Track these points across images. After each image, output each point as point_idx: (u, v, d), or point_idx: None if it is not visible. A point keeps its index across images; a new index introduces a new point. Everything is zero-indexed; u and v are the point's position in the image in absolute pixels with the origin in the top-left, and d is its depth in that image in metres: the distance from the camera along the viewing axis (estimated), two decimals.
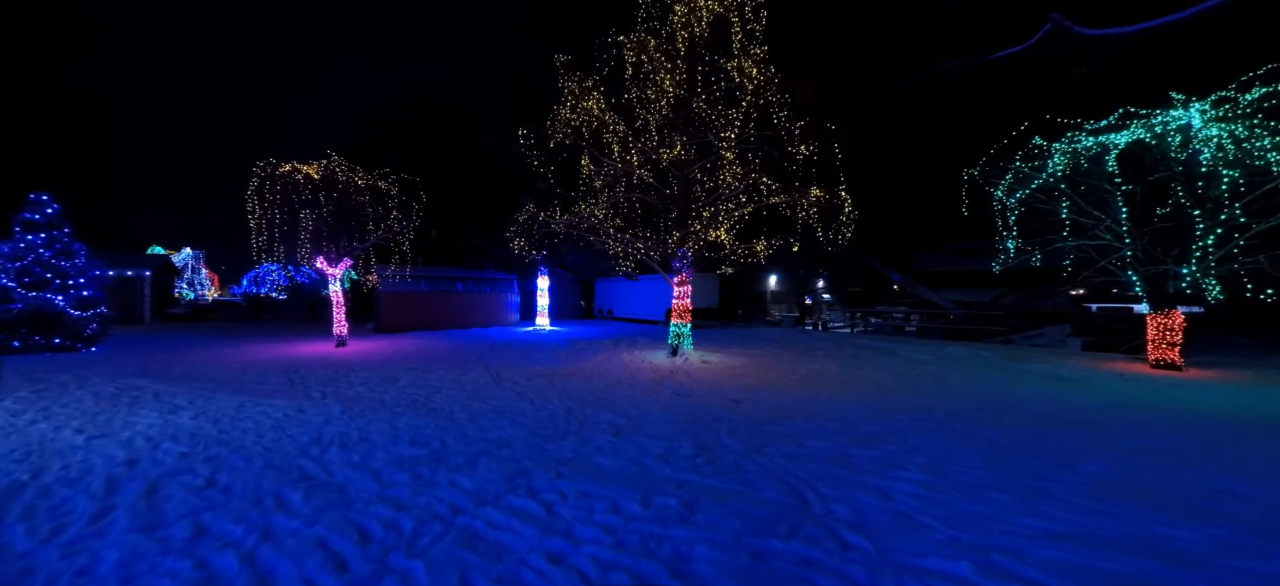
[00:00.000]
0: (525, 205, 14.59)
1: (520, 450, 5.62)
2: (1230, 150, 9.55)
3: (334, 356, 14.15)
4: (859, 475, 5.08)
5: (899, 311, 24.02)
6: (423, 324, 21.48)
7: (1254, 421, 7.38)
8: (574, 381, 10.50)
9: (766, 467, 5.24)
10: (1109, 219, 11.24)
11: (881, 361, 13.06)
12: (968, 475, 5.11)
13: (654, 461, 5.37)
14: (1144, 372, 11.31)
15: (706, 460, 5.47)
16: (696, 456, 5.58)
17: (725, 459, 5.50)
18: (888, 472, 5.16)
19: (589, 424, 6.98)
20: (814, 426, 6.95)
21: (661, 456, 5.57)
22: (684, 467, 5.19)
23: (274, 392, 9.11)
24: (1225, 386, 9.87)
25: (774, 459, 5.54)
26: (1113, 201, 10.57)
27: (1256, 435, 6.68)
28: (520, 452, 5.52)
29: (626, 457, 5.47)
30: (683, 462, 5.35)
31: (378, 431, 6.30)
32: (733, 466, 5.25)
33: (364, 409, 7.72)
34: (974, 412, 7.85)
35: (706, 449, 5.87)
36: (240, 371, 11.55)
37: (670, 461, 5.39)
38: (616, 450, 5.72)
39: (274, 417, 6.99)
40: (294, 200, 14.44)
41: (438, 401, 8.45)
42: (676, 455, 5.63)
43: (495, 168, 21.15)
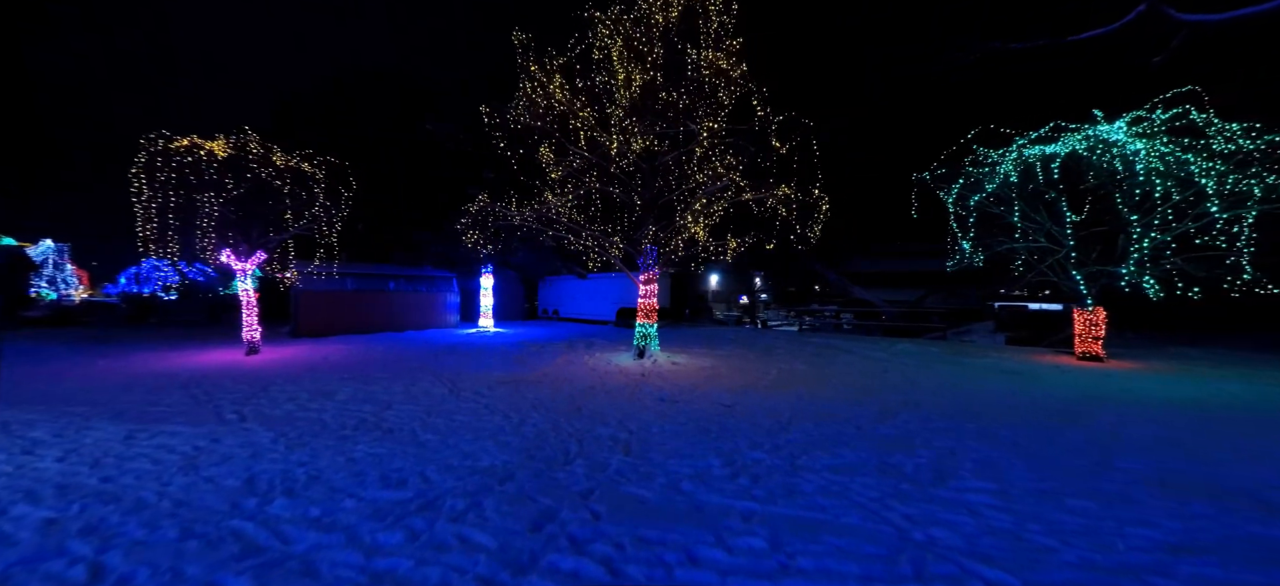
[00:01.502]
0: (474, 196, 13.11)
1: (526, 481, 4.49)
2: (1156, 163, 10.20)
3: (245, 366, 11.88)
4: (924, 488, 4.50)
5: (830, 309, 24.72)
6: (349, 327, 19.00)
7: (1215, 408, 7.72)
8: (543, 389, 9.33)
9: (823, 486, 4.52)
10: (1049, 224, 11.76)
11: (842, 360, 12.95)
12: (1025, 480, 4.75)
13: (695, 486, 4.46)
14: (1074, 365, 11.96)
15: (750, 480, 4.65)
16: (737, 476, 4.74)
17: (771, 478, 4.71)
18: (947, 483, 4.64)
19: (589, 441, 5.93)
20: (830, 431, 6.38)
21: (698, 478, 4.68)
22: (734, 493, 4.33)
23: (173, 415, 7.18)
24: (1153, 376, 10.54)
25: (821, 473, 4.86)
26: (1057, 207, 11.03)
27: (1230, 421, 6.92)
28: (529, 485, 4.39)
29: (659, 484, 4.52)
30: (727, 486, 4.49)
31: (331, 466, 4.87)
32: (786, 487, 4.47)
33: (301, 434, 6.14)
34: (967, 410, 7.70)
35: (740, 465, 5.06)
36: (123, 388, 9.22)
37: (712, 484, 4.51)
38: (641, 474, 4.75)
39: (181, 453, 5.29)
40: (193, 182, 11.95)
41: (392, 420, 7.02)
42: (712, 476, 4.77)
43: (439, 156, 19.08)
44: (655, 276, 12.67)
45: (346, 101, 23.06)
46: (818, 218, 10.90)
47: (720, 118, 10.41)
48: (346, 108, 22.80)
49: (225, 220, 12.35)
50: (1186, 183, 9.89)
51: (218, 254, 12.66)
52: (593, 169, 11.75)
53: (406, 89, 24.03)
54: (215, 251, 12.53)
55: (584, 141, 11.49)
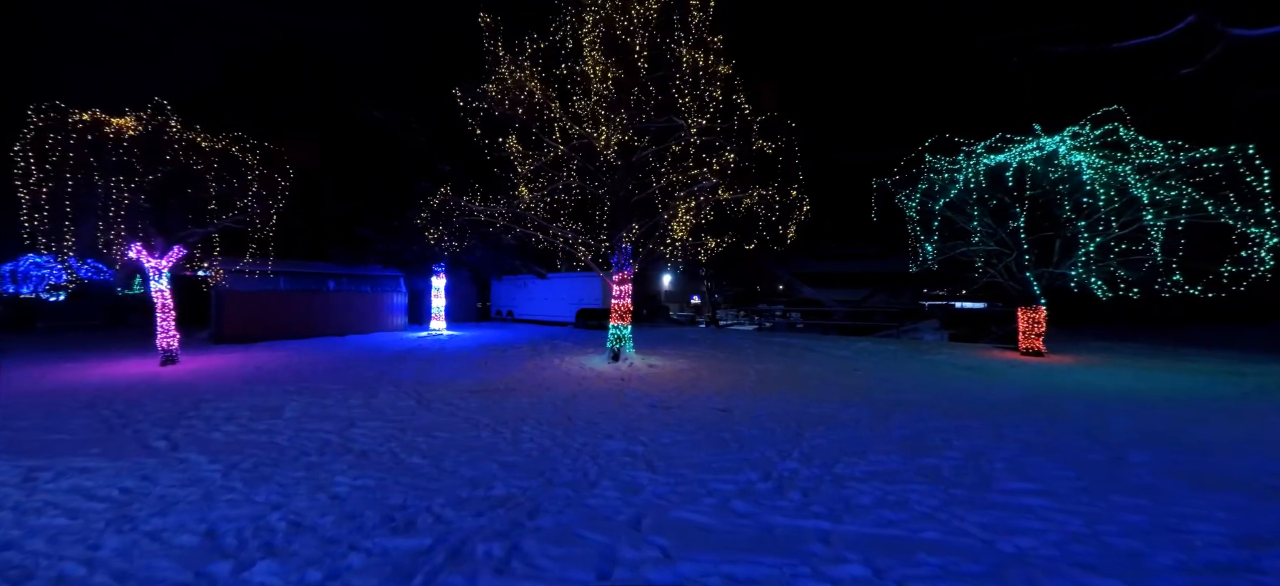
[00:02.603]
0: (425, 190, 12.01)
1: (560, 513, 3.87)
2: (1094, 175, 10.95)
3: (163, 379, 10.20)
4: (974, 493, 4.40)
5: (778, 309, 25.20)
6: (281, 331, 17.01)
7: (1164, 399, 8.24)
8: (522, 398, 8.60)
9: (879, 497, 4.25)
10: (998, 229, 12.36)
11: (811, 359, 13.02)
12: (1061, 479, 4.75)
13: (748, 505, 4.04)
14: (1021, 359, 12.67)
15: (800, 495, 4.29)
16: (784, 490, 4.37)
17: (820, 491, 4.37)
18: (992, 486, 4.56)
19: (603, 457, 5.35)
20: (845, 435, 6.18)
21: (744, 495, 4.27)
22: (793, 510, 3.95)
23: (83, 445, 5.86)
24: (1092, 369, 11.29)
25: (866, 482, 4.61)
26: (1010, 212, 11.60)
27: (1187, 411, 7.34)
28: (566, 517, 3.77)
29: (708, 505, 4.05)
30: (780, 502, 4.10)
31: (312, 507, 3.99)
32: (843, 501, 4.14)
33: (257, 464, 5.13)
34: (956, 407, 7.86)
35: (780, 478, 4.70)
36: (10, 411, 7.54)
37: (764, 502, 4.11)
38: (683, 495, 4.25)
39: (105, 498, 4.18)
40: (95, 165, 10.08)
41: (362, 440, 6.10)
42: (758, 491, 4.38)
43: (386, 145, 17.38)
44: (630, 276, 12.15)
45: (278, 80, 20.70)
46: (797, 218, 10.81)
47: (706, 115, 10.04)
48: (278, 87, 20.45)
49: (136, 210, 10.53)
50: (1123, 192, 10.65)
51: (126, 249, 10.80)
52: (569, 162, 11.04)
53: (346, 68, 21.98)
54: (123, 246, 10.66)
55: (559, 133, 10.76)
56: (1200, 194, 10.21)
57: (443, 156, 16.35)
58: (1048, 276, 12.15)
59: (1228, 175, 10.66)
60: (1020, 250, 11.84)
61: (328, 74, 23.52)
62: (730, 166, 9.93)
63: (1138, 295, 10.88)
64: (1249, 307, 19.09)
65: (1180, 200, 10.33)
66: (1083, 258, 11.12)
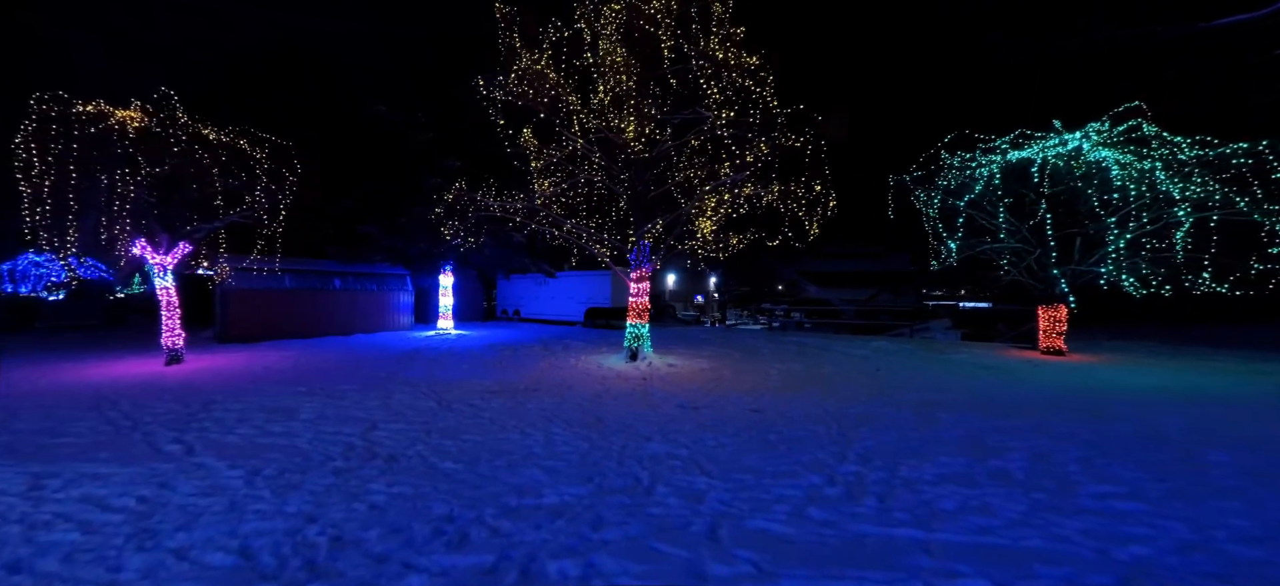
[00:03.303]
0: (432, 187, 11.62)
1: (625, 523, 3.52)
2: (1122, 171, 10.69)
3: (169, 379, 9.78)
4: (1057, 497, 4.12)
5: (780, 308, 24.91)
6: (286, 330, 16.56)
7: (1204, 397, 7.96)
8: (546, 399, 8.25)
9: (962, 502, 3.97)
10: (1022, 225, 12.09)
11: (829, 358, 12.72)
12: (1142, 481, 4.46)
13: (825, 512, 3.71)
14: (1042, 359, 12.39)
15: (876, 501, 4.00)
16: (857, 496, 4.07)
17: (896, 496, 4.07)
18: (1074, 491, 4.28)
19: (650, 461, 5.02)
20: (895, 437, 5.87)
21: (816, 501, 3.97)
22: (874, 517, 3.64)
23: (91, 449, 5.47)
24: (1119, 368, 11.02)
25: (939, 486, 4.33)
26: (1035, 209, 11.33)
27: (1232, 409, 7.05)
28: (634, 529, 3.43)
29: (782, 512, 3.72)
30: (857, 509, 3.79)
31: (350, 518, 3.63)
32: (926, 507, 3.85)
33: (281, 470, 4.76)
34: (995, 406, 7.57)
35: (847, 482, 4.39)
36: (10, 412, 7.12)
37: (841, 509, 3.79)
38: (753, 502, 3.92)
39: (122, 509, 3.80)
40: (98, 158, 9.64)
41: (387, 444, 5.73)
42: (829, 497, 4.10)
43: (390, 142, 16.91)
44: (648, 274, 11.81)
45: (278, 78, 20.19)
46: (822, 214, 10.49)
47: (733, 108, 9.69)
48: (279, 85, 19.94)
49: (141, 205, 10.09)
50: (1153, 188, 10.40)
51: (130, 246, 10.36)
52: (590, 156, 10.68)
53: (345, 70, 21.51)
54: (127, 242, 10.23)
55: (577, 126, 10.40)
56: (1231, 190, 9.97)
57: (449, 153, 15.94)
58: (1073, 274, 11.89)
59: (1255, 171, 10.43)
60: (1045, 248, 11.57)
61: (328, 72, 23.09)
62: (762, 159, 9.59)
63: (1170, 292, 10.62)
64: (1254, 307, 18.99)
65: (1211, 196, 10.09)
66: (1113, 254, 10.86)
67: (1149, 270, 10.57)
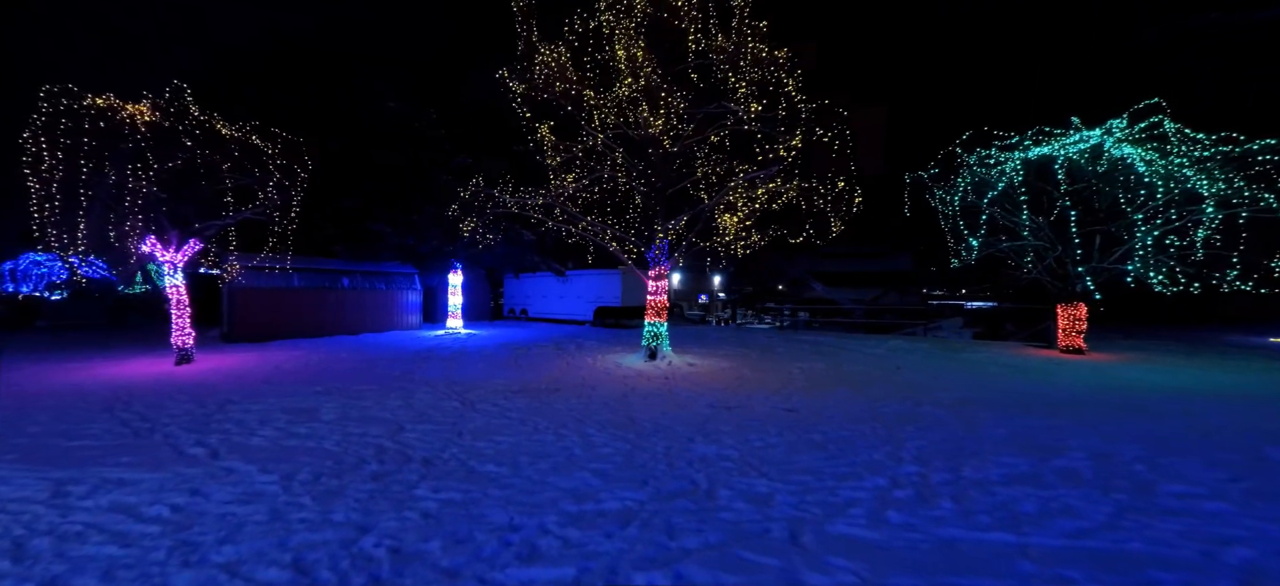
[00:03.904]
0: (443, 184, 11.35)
1: (701, 528, 3.28)
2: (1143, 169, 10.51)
3: (180, 379, 9.49)
4: (1137, 498, 3.96)
5: (787, 307, 24.71)
6: (294, 330, 16.23)
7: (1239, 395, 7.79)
8: (572, 399, 8.00)
9: (1042, 505, 3.82)
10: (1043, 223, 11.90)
11: (848, 357, 12.51)
12: (1216, 480, 4.28)
13: (905, 516, 3.49)
14: (1062, 357, 12.22)
15: (953, 503, 3.81)
16: (931, 499, 3.87)
17: (971, 499, 3.87)
18: (1151, 491, 4.08)
19: (700, 464, 4.78)
20: (944, 437, 5.66)
21: (886, 502, 3.76)
22: (957, 520, 3.43)
23: (111, 452, 5.20)
24: (1143, 366, 10.85)
25: (1011, 487, 4.15)
26: (1057, 207, 11.15)
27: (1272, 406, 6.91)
28: (710, 533, 3.20)
29: (861, 516, 3.51)
30: (936, 513, 3.56)
31: (405, 527, 3.38)
32: (1002, 507, 3.64)
33: (317, 474, 4.51)
34: (1035, 404, 7.41)
35: (916, 486, 4.17)
36: (23, 413, 6.83)
37: (919, 513, 3.59)
38: (821, 504, 3.70)
39: (157, 519, 3.54)
40: (107, 155, 9.33)
41: (419, 446, 5.49)
42: (901, 500, 3.90)
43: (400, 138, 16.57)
44: (666, 272, 11.57)
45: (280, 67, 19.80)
46: (847, 210, 10.27)
47: (761, 101, 9.43)
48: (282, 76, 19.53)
49: (151, 201, 9.78)
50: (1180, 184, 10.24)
51: (140, 243, 10.05)
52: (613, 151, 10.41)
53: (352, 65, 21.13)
54: (137, 240, 9.92)
55: (598, 121, 10.14)
56: (1258, 187, 9.81)
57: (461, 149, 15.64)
58: (1095, 272, 11.71)
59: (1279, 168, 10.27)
60: (1068, 246, 11.39)
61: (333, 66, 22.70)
62: (793, 152, 9.35)
63: (1198, 290, 10.45)
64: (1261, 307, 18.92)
65: (1238, 192, 9.92)
66: (1140, 252, 10.68)
67: (1178, 267, 10.39)
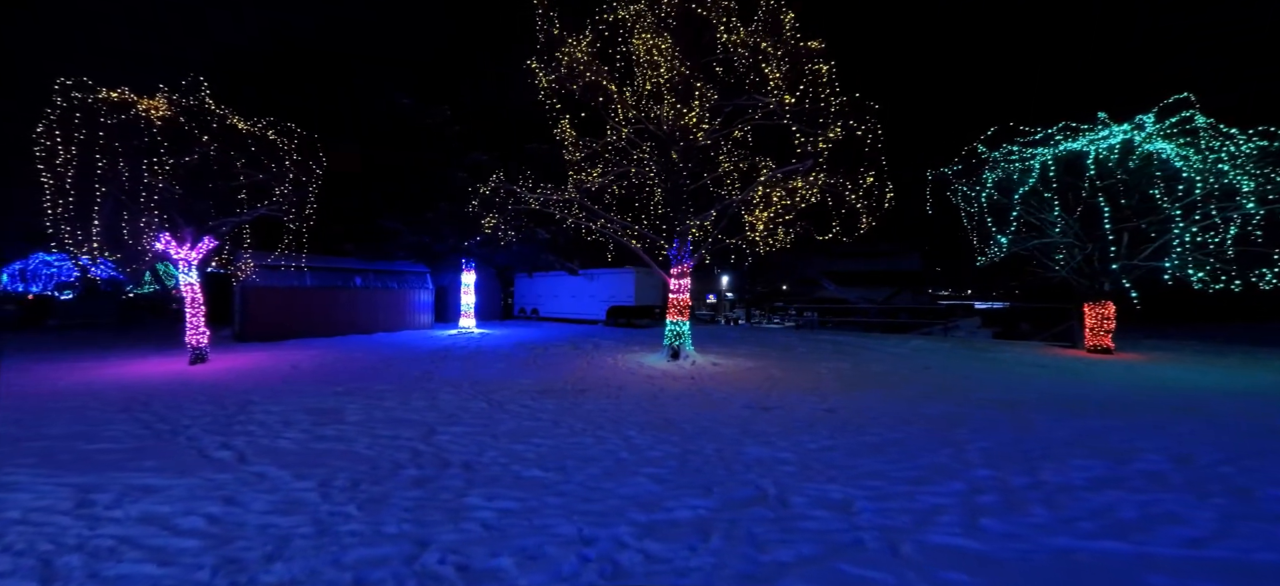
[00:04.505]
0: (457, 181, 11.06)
1: (790, 539, 3.00)
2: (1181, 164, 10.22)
3: (196, 378, 9.20)
4: (1245, 503, 3.69)
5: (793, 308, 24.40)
6: (307, 329, 15.95)
7: None
8: (602, 400, 7.72)
9: (1143, 511, 3.57)
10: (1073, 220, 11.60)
11: (873, 357, 12.21)
12: None
13: (1001, 523, 3.21)
14: (1094, 357, 11.91)
15: (1046, 509, 3.56)
16: (1016, 502, 3.59)
17: (1060, 501, 3.62)
18: (1259, 497, 3.82)
19: (757, 466, 4.51)
20: (1005, 439, 5.36)
21: (973, 508, 3.49)
22: (1060, 529, 3.15)
23: (134, 457, 4.92)
24: (1179, 366, 10.56)
25: (1101, 490, 3.86)
26: (1092, 203, 10.85)
27: None
28: (802, 545, 2.91)
29: (953, 524, 3.25)
30: (1027, 518, 3.29)
31: (468, 542, 3.10)
32: (1099, 513, 3.38)
33: (355, 480, 4.23)
34: (1084, 405, 7.13)
35: (992, 487, 3.93)
36: (40, 414, 6.55)
37: (1007, 517, 3.33)
38: (906, 512, 3.41)
39: (192, 532, 3.26)
40: (120, 150, 9.04)
41: (454, 448, 5.22)
42: (982, 504, 3.66)
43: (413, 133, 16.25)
44: (689, 269, 11.28)
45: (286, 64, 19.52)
46: (878, 206, 9.97)
47: (795, 92, 9.12)
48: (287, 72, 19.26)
49: (168, 197, 9.51)
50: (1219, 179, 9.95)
51: (154, 240, 9.77)
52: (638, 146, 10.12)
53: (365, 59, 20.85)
54: (151, 237, 9.64)
55: (622, 115, 9.85)
56: None
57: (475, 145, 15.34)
58: (1131, 270, 11.40)
59: None
60: (1102, 243, 11.08)
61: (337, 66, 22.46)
62: (830, 145, 9.05)
63: (1239, 287, 10.14)
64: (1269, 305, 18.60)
65: (1277, 188, 9.63)
66: (1177, 248, 10.38)
67: (1217, 264, 10.08)
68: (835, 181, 9.77)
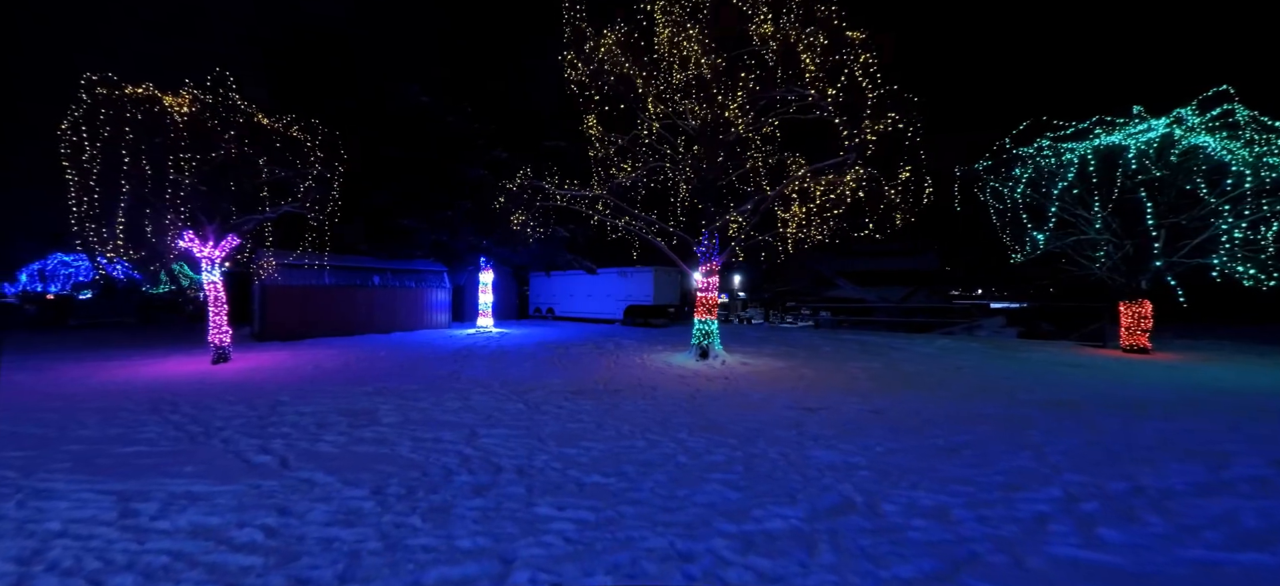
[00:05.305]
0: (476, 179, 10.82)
1: (908, 553, 2.74)
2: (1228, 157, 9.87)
3: (220, 378, 9.01)
4: None
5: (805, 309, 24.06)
6: (325, 327, 15.77)
7: None
8: (639, 400, 7.48)
9: (1266, 518, 3.12)
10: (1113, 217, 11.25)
11: (902, 357, 11.91)
12: None
13: (1120, 534, 2.92)
14: (1131, 357, 11.55)
15: (1158, 516, 3.25)
16: (1126, 512, 3.29)
17: (1174, 508, 3.31)
18: None
19: (830, 471, 4.26)
20: (1080, 441, 5.07)
21: (1079, 518, 3.19)
22: (1188, 538, 2.86)
23: (171, 461, 4.70)
24: (1222, 366, 10.20)
25: (1210, 497, 3.53)
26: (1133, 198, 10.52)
27: None
28: (923, 560, 2.64)
29: (1066, 534, 2.99)
30: (1144, 530, 3.00)
31: (556, 560, 2.86)
32: (1224, 523, 3.03)
33: (409, 487, 3.99)
34: (1148, 407, 6.76)
35: (1091, 495, 3.62)
36: (70, 415, 6.35)
37: (1125, 528, 3.03)
38: (1011, 521, 3.15)
39: (250, 547, 3.03)
40: (143, 148, 8.86)
41: (502, 453, 4.99)
42: (1086, 512, 3.34)
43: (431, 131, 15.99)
44: (718, 267, 11.01)
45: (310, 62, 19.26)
46: (917, 202, 9.66)
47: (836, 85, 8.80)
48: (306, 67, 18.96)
49: (192, 195, 9.32)
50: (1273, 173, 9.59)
51: (178, 238, 9.59)
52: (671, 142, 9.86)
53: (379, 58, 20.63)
54: (175, 234, 9.46)
55: (653, 110, 9.59)
56: None
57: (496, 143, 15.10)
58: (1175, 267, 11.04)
59: None
60: (1146, 238, 10.73)
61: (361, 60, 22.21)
62: (877, 138, 8.74)
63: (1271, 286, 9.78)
64: None
65: None
66: (1226, 244, 10.02)
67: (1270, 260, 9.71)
68: (871, 176, 9.46)
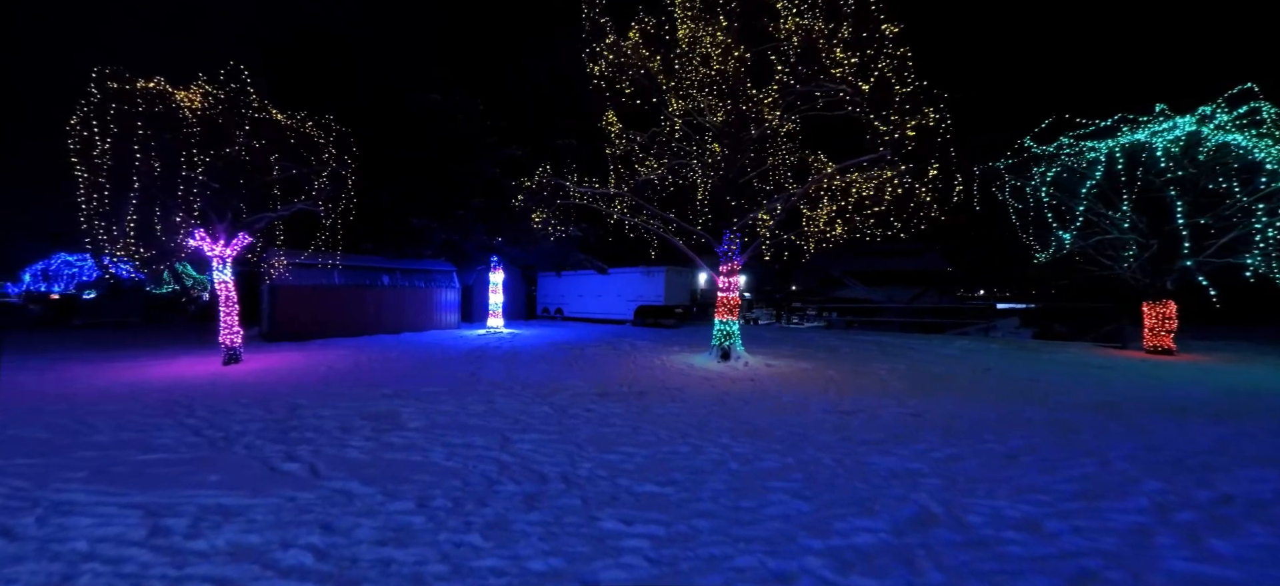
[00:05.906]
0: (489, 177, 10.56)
1: (1001, 570, 2.52)
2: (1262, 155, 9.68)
3: (233, 380, 8.75)
4: None
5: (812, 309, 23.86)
6: (335, 328, 15.50)
7: None
8: (668, 404, 7.25)
9: None
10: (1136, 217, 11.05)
11: (925, 358, 11.71)
12: None
13: (1233, 545, 2.69)
14: (1158, 359, 11.33)
15: (1265, 528, 2.96)
16: (1226, 522, 3.06)
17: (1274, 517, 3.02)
18: None
19: (896, 479, 4.05)
20: (1138, 446, 4.86)
21: (1178, 528, 2.93)
22: None
23: (194, 471, 4.45)
24: (1249, 368, 10.01)
25: None
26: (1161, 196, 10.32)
27: None
28: (1035, 578, 2.40)
29: (1177, 545, 2.74)
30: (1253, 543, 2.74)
31: (632, 581, 2.61)
32: None
33: (456, 499, 3.77)
34: (1188, 409, 6.54)
35: (1178, 503, 3.37)
36: (81, 420, 6.08)
37: (1236, 540, 2.75)
38: (1119, 536, 2.92)
39: (299, 572, 2.78)
40: (153, 144, 8.58)
41: (540, 459, 4.78)
42: (1184, 523, 3.10)
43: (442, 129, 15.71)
44: (738, 267, 10.78)
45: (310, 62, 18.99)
46: (948, 201, 9.44)
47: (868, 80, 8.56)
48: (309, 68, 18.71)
49: (204, 193, 9.04)
50: None
51: (189, 236, 9.32)
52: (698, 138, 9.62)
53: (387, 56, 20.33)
54: (186, 232, 9.19)
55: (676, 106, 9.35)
56: None
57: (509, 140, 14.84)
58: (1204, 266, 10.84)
59: None
60: (1175, 238, 10.53)
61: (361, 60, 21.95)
62: (915, 134, 8.51)
63: None
64: None
65: None
66: (1260, 243, 9.82)
67: None
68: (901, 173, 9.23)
